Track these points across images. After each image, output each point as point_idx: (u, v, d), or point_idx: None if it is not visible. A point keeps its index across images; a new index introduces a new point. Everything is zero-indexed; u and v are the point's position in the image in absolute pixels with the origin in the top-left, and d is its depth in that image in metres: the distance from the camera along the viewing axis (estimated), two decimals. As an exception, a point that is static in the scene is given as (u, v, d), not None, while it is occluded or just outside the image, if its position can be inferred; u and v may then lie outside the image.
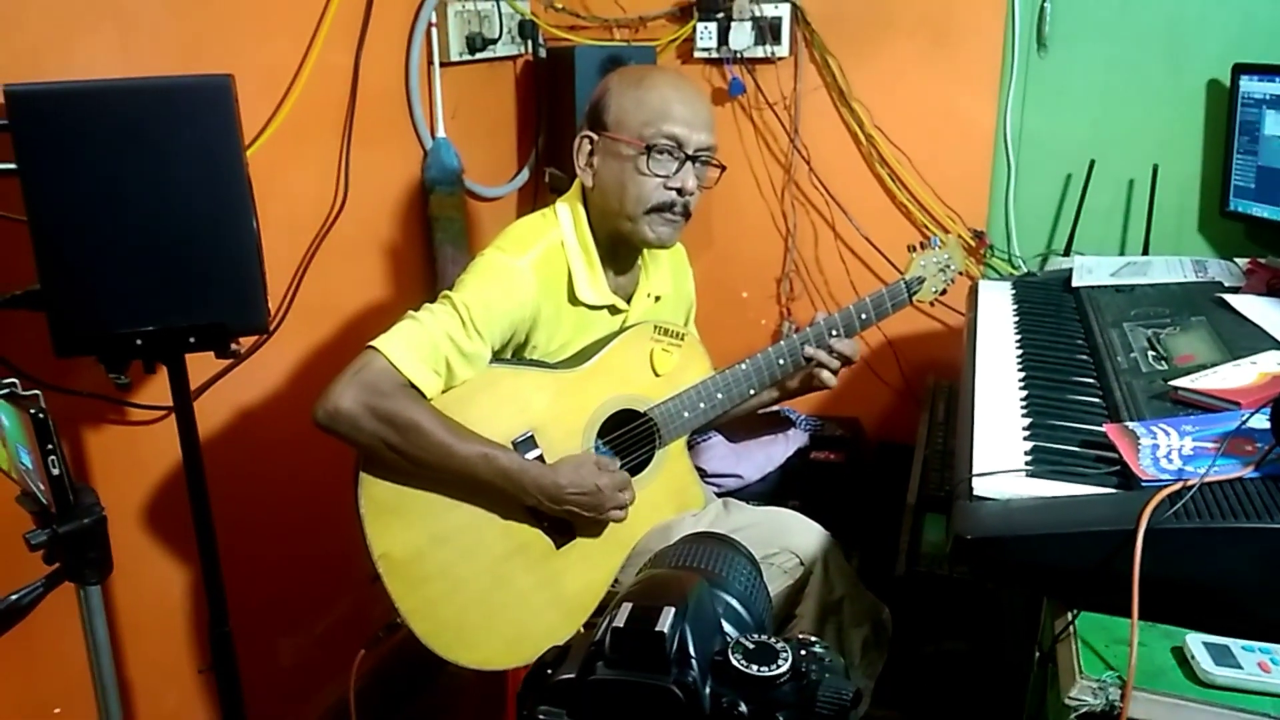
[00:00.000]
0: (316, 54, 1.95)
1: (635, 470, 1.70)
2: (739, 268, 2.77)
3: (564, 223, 1.69)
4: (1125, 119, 2.36)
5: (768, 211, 2.70)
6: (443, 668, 1.60)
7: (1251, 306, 1.72)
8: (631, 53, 2.45)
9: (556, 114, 2.54)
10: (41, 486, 0.97)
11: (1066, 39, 2.36)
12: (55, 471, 0.94)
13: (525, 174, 2.68)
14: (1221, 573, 1.08)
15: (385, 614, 1.59)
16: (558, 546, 1.64)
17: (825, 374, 1.77)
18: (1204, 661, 1.05)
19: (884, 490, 2.47)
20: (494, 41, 2.39)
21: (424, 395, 1.49)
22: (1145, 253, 2.34)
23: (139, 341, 1.29)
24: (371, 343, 1.48)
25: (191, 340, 1.31)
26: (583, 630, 1.67)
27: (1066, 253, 2.40)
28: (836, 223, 2.64)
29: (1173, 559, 1.09)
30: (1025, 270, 2.49)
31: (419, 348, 1.49)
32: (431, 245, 2.37)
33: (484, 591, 1.59)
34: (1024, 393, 1.52)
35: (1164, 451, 1.23)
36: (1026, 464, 1.28)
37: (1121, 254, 2.43)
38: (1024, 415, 1.44)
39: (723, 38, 2.54)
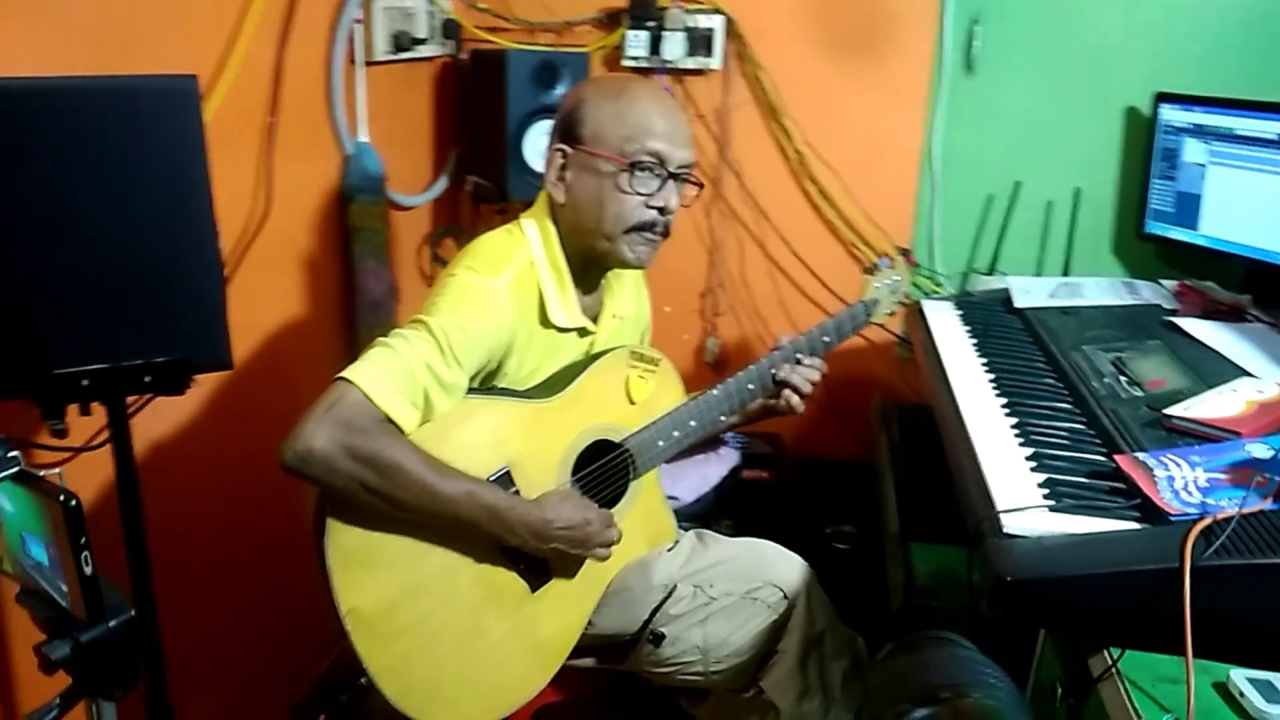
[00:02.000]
0: (242, 50, 1.77)
1: (608, 505, 1.61)
2: (662, 281, 2.67)
3: (533, 241, 1.58)
4: (1046, 142, 2.43)
5: (693, 225, 2.64)
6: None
7: (1201, 330, 1.79)
8: (565, 58, 2.34)
9: (482, 120, 2.41)
10: (63, 587, 0.79)
11: (994, 62, 2.41)
12: (88, 570, 0.77)
13: (444, 182, 2.54)
14: (1268, 608, 1.09)
15: (346, 672, 1.44)
16: (533, 590, 1.53)
17: (795, 399, 1.73)
18: (1255, 699, 1.05)
19: (815, 509, 2.46)
20: (423, 41, 2.24)
21: (402, 431, 1.36)
22: (1066, 273, 2.42)
23: (86, 382, 1.11)
24: (343, 374, 1.33)
25: (148, 379, 1.14)
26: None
27: (990, 272, 2.45)
28: (765, 238, 2.61)
29: (1217, 595, 1.09)
30: (948, 289, 2.53)
31: (396, 379, 1.35)
32: (350, 257, 2.20)
33: (458, 644, 1.46)
34: (1012, 420, 1.52)
35: (1181, 484, 1.24)
36: (1045, 498, 1.27)
37: (1039, 273, 2.51)
38: (1021, 445, 1.43)
39: (654, 47, 2.47)
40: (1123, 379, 1.62)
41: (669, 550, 1.68)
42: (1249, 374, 1.59)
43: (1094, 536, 1.18)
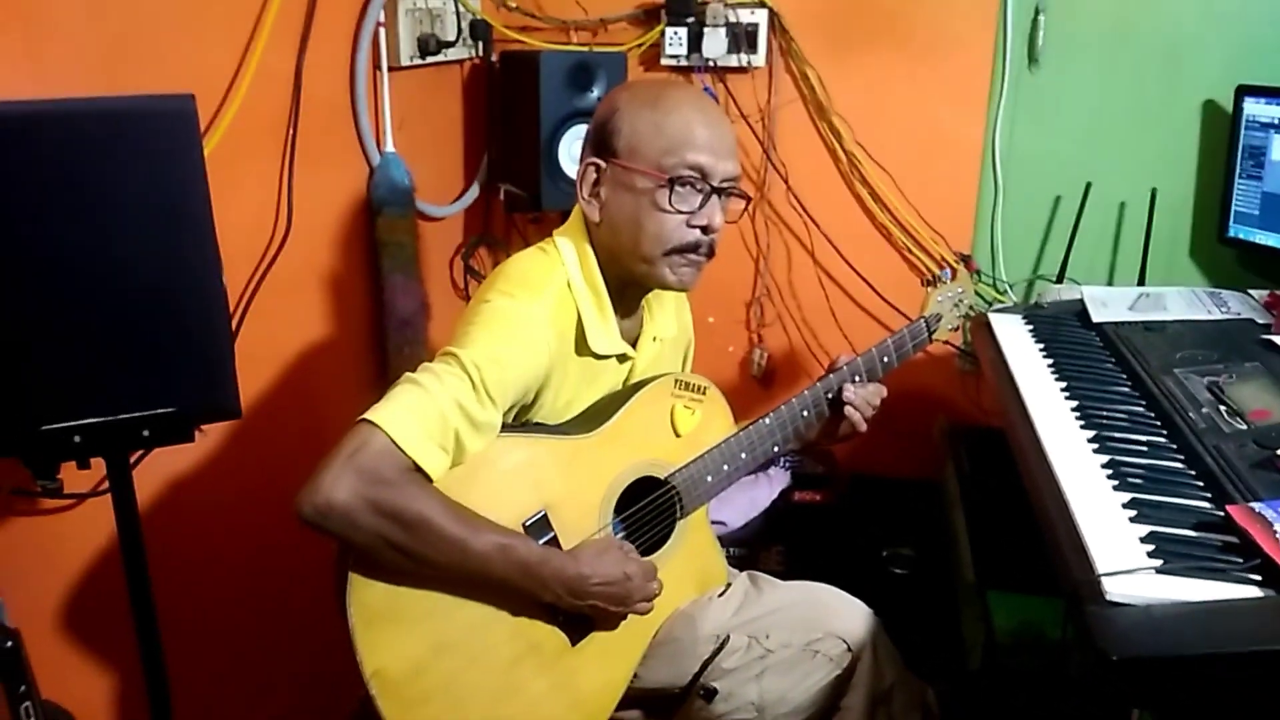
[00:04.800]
0: (256, 59, 1.65)
1: (654, 547, 1.49)
2: (705, 291, 2.45)
3: (569, 261, 1.45)
4: (1118, 140, 2.26)
5: (738, 231, 2.50)
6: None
7: (1305, 351, 1.63)
8: (601, 59, 2.21)
9: (514, 124, 2.29)
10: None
11: (1059, 55, 2.24)
12: (31, 722, 0.66)
13: (475, 191, 2.42)
14: None
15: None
16: (573, 643, 1.41)
17: (857, 417, 1.59)
18: None
19: (871, 531, 2.32)
20: (451, 44, 2.12)
21: (430, 479, 1.24)
22: (1141, 281, 2.24)
23: (77, 438, 1.00)
24: (367, 415, 1.21)
25: (146, 433, 1.03)
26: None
27: (1059, 280, 2.28)
28: (814, 245, 2.47)
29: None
30: (1013, 298, 2.38)
31: (425, 421, 1.23)
32: (379, 274, 2.09)
33: (492, 705, 1.34)
34: (1102, 458, 1.36)
35: (1307, 541, 1.09)
36: (1150, 556, 1.13)
37: (1111, 281, 2.34)
38: (1116, 490, 1.28)
39: (694, 44, 2.33)
40: (1222, 409, 1.46)
41: (720, 595, 1.55)
42: (1366, 403, 1.42)
43: (1211, 606, 1.04)
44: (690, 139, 1.38)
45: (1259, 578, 1.07)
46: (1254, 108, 2.05)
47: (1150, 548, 1.14)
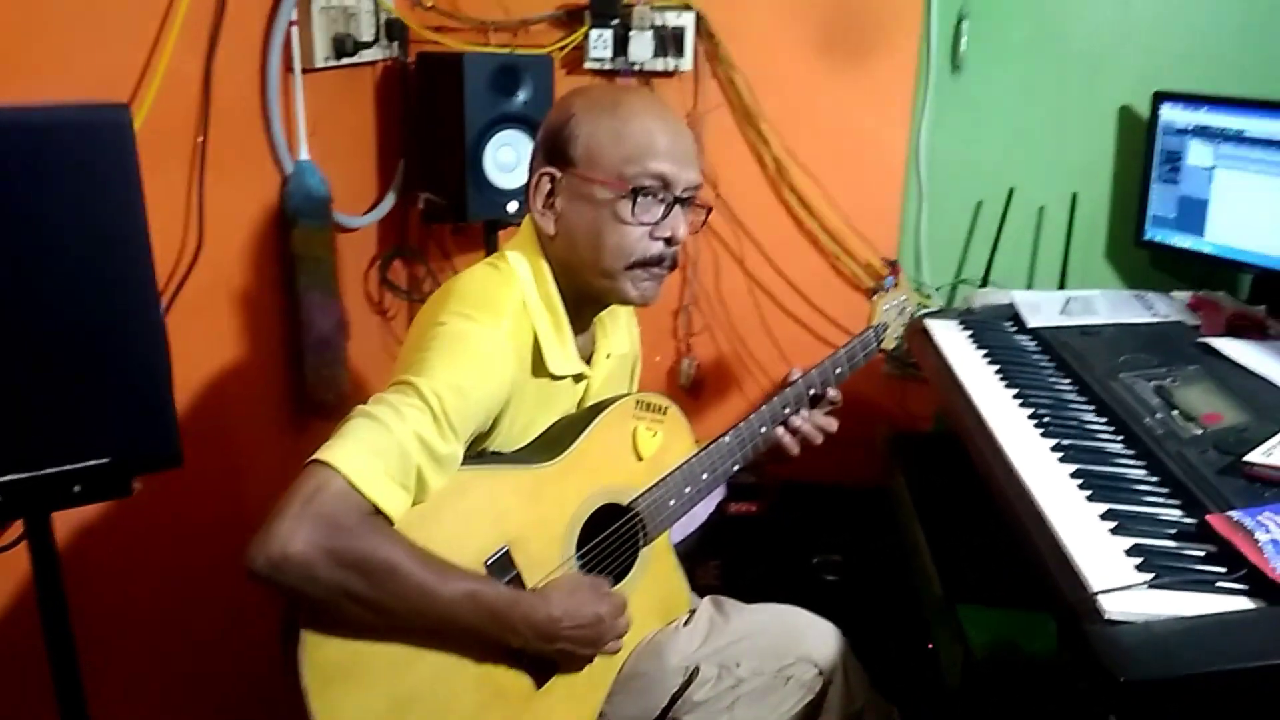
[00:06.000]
0: (165, 61, 1.51)
1: (618, 578, 1.42)
2: None
3: (523, 278, 1.37)
4: (1039, 145, 2.30)
5: (664, 239, 2.45)
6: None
7: (1241, 353, 1.67)
8: (526, 61, 2.12)
9: (434, 129, 2.18)
10: None
11: (982, 61, 2.27)
12: None
13: (391, 199, 2.30)
14: None
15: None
16: (539, 685, 1.32)
17: (798, 444, 1.57)
18: None
19: (804, 540, 2.31)
20: (368, 45, 2.00)
21: (391, 521, 1.14)
22: (1062, 285, 2.30)
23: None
24: (321, 455, 1.10)
25: (78, 489, 0.90)
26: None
27: (984, 283, 2.32)
28: (743, 252, 2.44)
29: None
30: (938, 302, 2.39)
31: (385, 458, 1.12)
32: (294, 291, 1.95)
33: (458, 758, 1.25)
34: (1069, 468, 1.36)
35: (1290, 549, 1.09)
36: (1139, 569, 1.12)
37: (1030, 284, 2.39)
38: (1090, 500, 1.28)
39: (619, 47, 2.27)
40: (1174, 413, 1.48)
41: (685, 624, 1.49)
42: (1307, 404, 1.46)
43: (1211, 621, 1.03)
44: (652, 147, 1.32)
45: (1245, 587, 1.08)
46: (1170, 113, 2.11)
47: (1137, 561, 1.14)
